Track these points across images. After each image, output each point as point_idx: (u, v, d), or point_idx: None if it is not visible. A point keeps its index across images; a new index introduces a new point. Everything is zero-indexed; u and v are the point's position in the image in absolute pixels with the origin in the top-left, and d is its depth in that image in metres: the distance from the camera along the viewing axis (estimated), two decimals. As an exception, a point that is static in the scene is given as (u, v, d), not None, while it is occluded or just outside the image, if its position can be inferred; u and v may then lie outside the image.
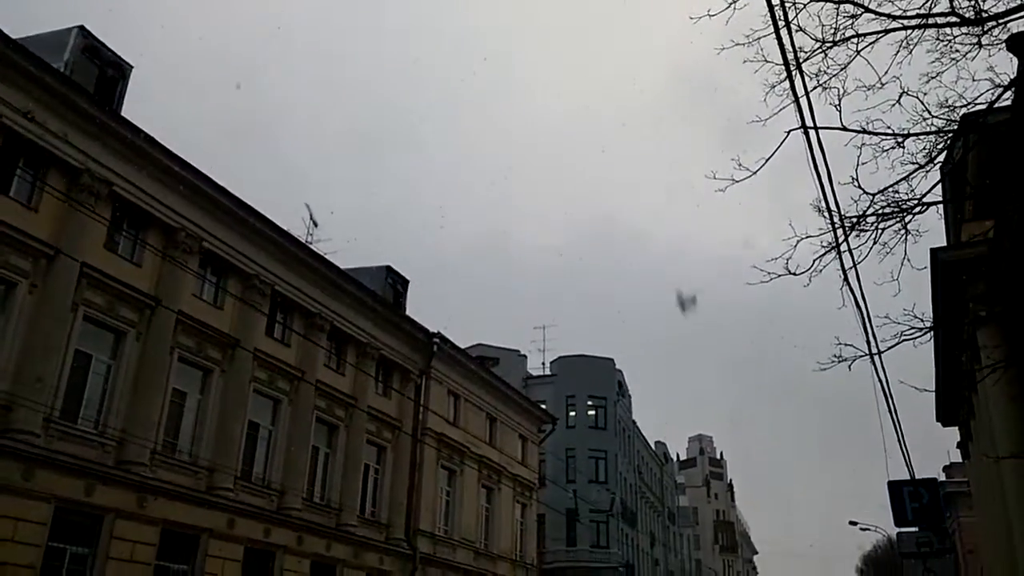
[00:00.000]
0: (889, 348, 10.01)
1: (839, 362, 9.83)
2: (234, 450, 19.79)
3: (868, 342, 9.96)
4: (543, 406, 40.16)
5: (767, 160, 8.02)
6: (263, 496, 20.80)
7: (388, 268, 29.10)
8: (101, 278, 17.14)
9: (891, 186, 8.71)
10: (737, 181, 8.34)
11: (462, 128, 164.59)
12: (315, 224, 28.09)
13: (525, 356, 50.88)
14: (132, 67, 19.43)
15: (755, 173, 8.26)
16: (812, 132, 6.97)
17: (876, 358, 10.48)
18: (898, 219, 8.86)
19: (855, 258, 8.85)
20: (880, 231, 8.91)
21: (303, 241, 24.28)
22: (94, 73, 18.28)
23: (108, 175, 17.27)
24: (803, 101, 6.85)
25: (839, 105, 8.06)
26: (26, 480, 14.81)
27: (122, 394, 17.38)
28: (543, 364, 51.38)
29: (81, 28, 18.34)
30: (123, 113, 18.32)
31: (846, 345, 9.82)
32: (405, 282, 29.81)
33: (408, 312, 28.60)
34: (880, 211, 8.80)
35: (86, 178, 16.79)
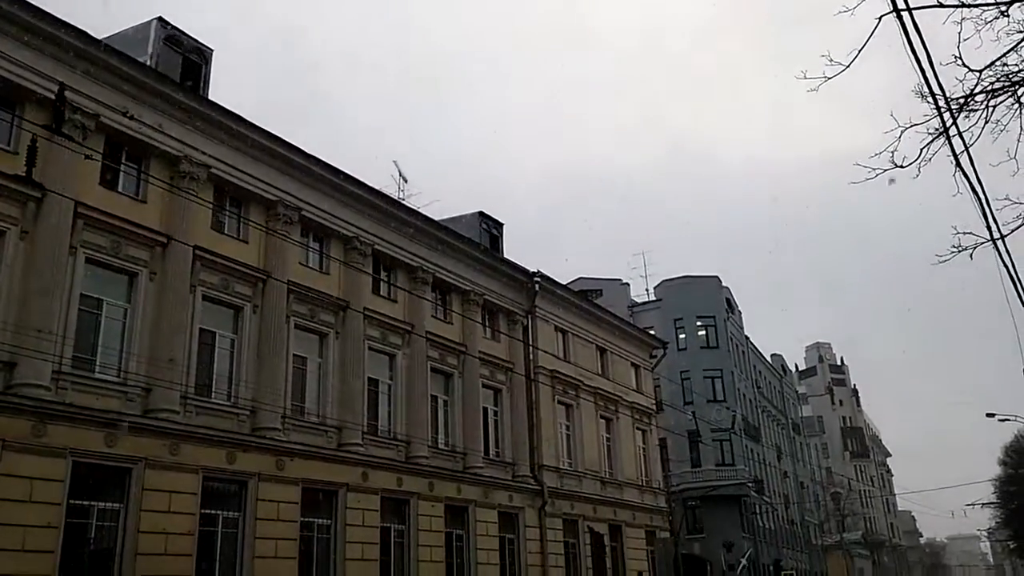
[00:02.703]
0: (1013, 231, 9.52)
1: (959, 252, 9.41)
2: (358, 407, 20.58)
3: (989, 227, 9.46)
4: (651, 332, 39.99)
5: (859, 51, 7.72)
6: (391, 448, 21.63)
7: (481, 214, 29.26)
8: (213, 258, 17.92)
9: (999, 59, 8.26)
10: (829, 78, 8.07)
11: (513, 61, 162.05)
12: (405, 180, 28.58)
13: (628, 284, 50.79)
14: (212, 51, 19.92)
15: (848, 67, 7.96)
16: (906, 14, 6.59)
17: (999, 243, 9.97)
18: (1010, 93, 8.44)
19: (966, 141, 8.43)
20: (991, 108, 8.49)
21: (396, 198, 24.69)
22: (178, 61, 18.86)
23: (205, 159, 17.88)
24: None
25: None
26: (173, 455, 15.86)
27: (248, 365, 18.26)
28: (647, 291, 51.22)
29: (160, 19, 18.85)
30: (210, 96, 18.86)
31: (965, 233, 9.38)
32: (500, 225, 29.96)
33: (506, 254, 28.83)
34: (989, 87, 8.35)
35: (185, 164, 17.44)
